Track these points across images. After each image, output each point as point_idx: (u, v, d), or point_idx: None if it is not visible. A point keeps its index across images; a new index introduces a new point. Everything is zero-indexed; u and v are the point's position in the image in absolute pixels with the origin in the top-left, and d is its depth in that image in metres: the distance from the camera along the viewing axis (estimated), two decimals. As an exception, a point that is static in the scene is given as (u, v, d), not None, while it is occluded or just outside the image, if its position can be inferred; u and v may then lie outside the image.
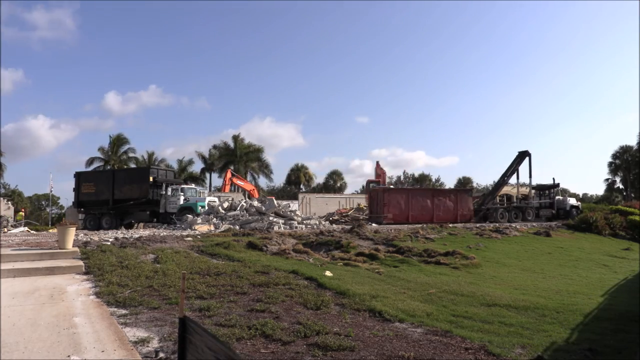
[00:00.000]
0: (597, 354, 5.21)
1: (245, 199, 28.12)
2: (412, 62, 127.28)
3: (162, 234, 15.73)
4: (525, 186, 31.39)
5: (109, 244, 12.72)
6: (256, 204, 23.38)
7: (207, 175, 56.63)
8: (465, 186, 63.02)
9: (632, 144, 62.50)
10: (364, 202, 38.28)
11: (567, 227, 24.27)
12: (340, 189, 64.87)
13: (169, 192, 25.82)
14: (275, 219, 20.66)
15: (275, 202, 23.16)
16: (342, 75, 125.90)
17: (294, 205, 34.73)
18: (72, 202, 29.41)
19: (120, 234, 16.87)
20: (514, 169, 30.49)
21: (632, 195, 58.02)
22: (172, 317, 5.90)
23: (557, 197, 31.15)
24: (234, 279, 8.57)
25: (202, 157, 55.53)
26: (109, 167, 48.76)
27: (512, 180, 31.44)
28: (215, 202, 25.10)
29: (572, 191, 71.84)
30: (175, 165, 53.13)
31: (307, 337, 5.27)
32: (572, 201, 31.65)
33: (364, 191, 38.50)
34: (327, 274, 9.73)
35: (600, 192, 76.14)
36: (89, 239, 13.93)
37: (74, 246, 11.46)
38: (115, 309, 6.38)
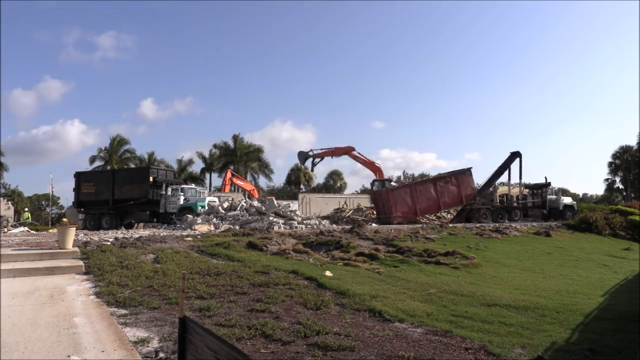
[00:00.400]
0: (597, 354, 5.21)
1: (245, 199, 28.10)
2: (437, 63, 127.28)
3: (162, 234, 15.73)
4: (514, 186, 30.72)
5: (109, 244, 12.72)
6: (256, 204, 23.38)
7: (207, 175, 56.72)
8: None
9: (632, 144, 62.54)
10: (364, 203, 38.31)
11: (567, 227, 24.18)
12: (340, 189, 64.90)
13: (169, 192, 25.84)
14: (275, 219, 20.66)
15: (275, 202, 23.16)
16: (348, 76, 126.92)
17: (294, 205, 34.69)
18: (72, 202, 29.42)
19: (120, 234, 16.86)
20: (503, 169, 29.81)
21: (632, 195, 57.84)
22: (172, 317, 5.90)
23: (549, 197, 30.18)
24: (234, 279, 8.57)
25: (202, 157, 55.61)
26: (109, 167, 48.77)
27: (504, 180, 30.87)
28: (215, 202, 25.11)
29: (572, 191, 72.12)
30: (175, 165, 53.20)
31: (307, 337, 5.27)
32: (566, 200, 30.78)
33: (370, 192, 38.31)
34: (327, 274, 9.73)
35: (600, 192, 76.26)
36: (89, 239, 13.93)
37: (74, 246, 11.46)
38: (115, 309, 6.39)
